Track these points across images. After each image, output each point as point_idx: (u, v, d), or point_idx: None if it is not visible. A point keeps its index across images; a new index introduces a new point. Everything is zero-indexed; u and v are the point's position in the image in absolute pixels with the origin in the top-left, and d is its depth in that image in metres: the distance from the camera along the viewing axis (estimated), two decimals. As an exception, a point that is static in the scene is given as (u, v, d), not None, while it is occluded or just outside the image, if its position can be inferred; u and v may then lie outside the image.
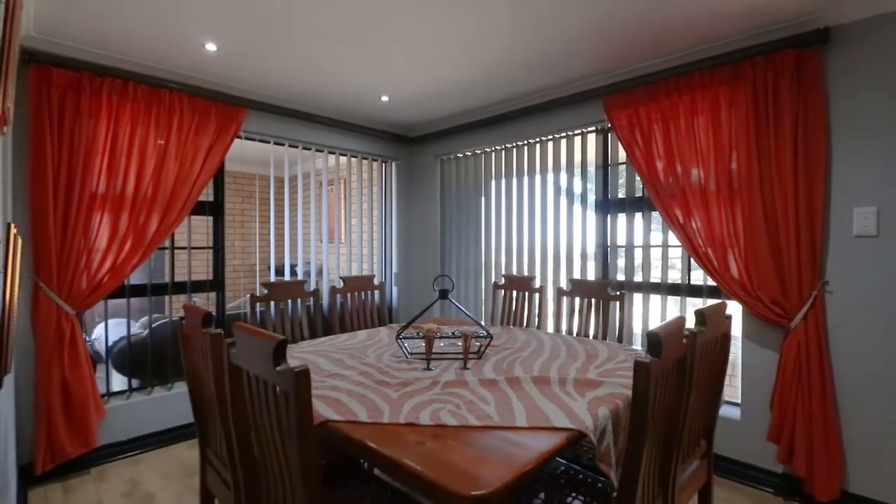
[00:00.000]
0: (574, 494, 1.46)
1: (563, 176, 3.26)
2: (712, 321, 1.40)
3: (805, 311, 2.11)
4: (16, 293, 0.80)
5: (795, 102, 2.14)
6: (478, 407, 1.33)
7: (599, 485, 1.49)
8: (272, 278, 4.25)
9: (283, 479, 1.09)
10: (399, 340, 2.00)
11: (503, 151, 3.64)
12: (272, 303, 2.42)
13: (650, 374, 1.00)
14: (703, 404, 1.54)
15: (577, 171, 3.19)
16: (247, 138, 3.25)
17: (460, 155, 3.95)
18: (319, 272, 3.92)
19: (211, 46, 2.45)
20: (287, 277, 3.94)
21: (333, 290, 2.72)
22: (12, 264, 0.75)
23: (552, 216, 3.33)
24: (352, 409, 1.31)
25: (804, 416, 2.09)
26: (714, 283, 2.46)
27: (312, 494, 0.97)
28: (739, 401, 2.43)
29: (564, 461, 1.66)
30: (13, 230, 0.79)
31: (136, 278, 2.78)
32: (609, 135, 2.98)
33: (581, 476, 1.55)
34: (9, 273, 0.73)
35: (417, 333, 2.23)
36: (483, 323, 2.82)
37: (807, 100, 2.12)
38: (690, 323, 1.37)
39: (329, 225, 3.90)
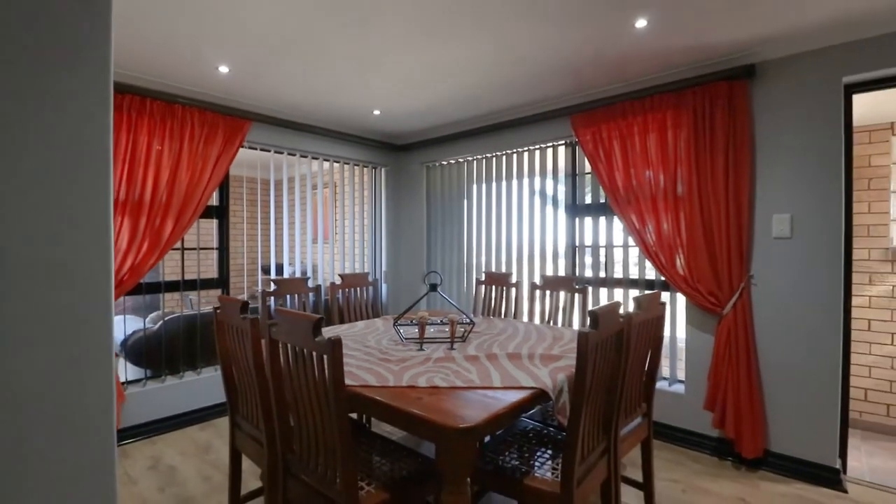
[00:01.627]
0: (541, 447, 1.82)
1: (537, 182, 3.64)
2: (646, 306, 1.78)
3: (734, 301, 2.53)
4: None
5: (727, 125, 2.55)
6: (463, 375, 1.68)
7: (560, 437, 1.86)
8: (273, 276, 4.52)
9: (316, 428, 1.42)
10: (396, 327, 2.34)
11: (483, 160, 4.01)
12: (273, 297, 2.73)
13: (588, 341, 1.37)
14: (642, 372, 1.92)
15: (549, 177, 3.57)
16: (250, 147, 3.54)
17: (444, 162, 4.30)
18: (314, 271, 4.22)
19: (224, 68, 2.75)
20: (285, 276, 4.23)
21: (333, 286, 3.04)
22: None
23: (527, 219, 3.71)
24: (363, 377, 1.65)
25: (734, 388, 2.51)
26: (664, 278, 2.86)
27: (345, 434, 1.31)
28: (684, 378, 2.84)
29: (534, 422, 2.03)
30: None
31: (146, 277, 3.05)
32: (576, 148, 3.37)
33: (546, 432, 1.91)
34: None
35: (411, 321, 2.57)
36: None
37: (736, 123, 2.53)
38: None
39: (324, 226, 4.21)
